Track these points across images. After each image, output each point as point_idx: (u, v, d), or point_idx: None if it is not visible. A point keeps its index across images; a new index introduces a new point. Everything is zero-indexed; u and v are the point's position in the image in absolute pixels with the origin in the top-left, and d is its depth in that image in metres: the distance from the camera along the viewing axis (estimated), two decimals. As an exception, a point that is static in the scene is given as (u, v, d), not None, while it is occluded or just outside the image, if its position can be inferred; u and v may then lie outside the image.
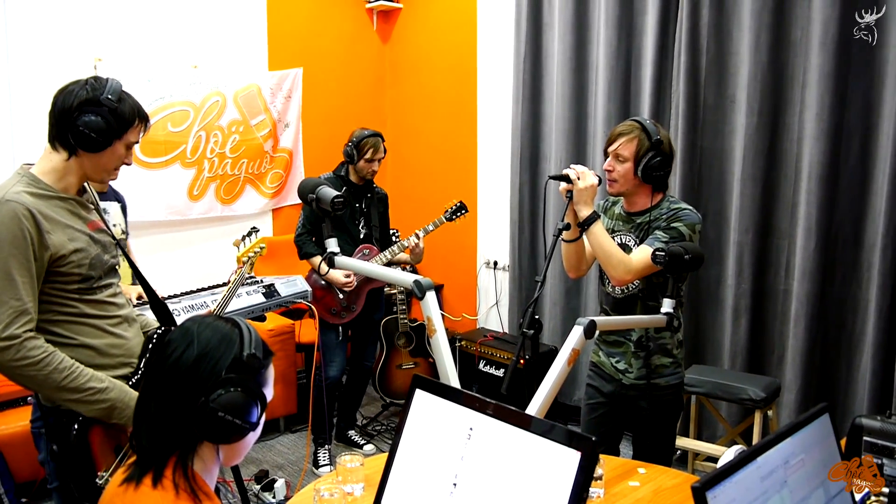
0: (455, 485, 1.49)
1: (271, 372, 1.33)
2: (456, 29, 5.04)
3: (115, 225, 3.34)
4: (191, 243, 4.65)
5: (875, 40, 3.07)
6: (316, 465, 3.90)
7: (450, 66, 5.13)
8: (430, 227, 3.95)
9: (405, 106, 5.54)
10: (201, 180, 4.64)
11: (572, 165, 2.29)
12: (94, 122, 1.83)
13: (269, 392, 1.31)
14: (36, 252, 1.78)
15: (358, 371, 4.10)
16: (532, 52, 4.43)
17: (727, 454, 1.53)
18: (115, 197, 3.38)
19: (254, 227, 2.81)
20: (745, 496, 1.19)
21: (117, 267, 2.07)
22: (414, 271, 4.24)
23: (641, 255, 2.24)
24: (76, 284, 1.89)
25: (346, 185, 3.83)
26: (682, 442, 3.38)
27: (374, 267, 2.19)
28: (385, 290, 4.89)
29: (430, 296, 1.84)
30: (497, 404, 1.49)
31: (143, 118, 1.97)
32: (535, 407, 1.78)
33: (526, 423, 1.44)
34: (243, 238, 2.94)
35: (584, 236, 2.31)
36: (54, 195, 1.88)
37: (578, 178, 2.23)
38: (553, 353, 4.28)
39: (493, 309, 4.94)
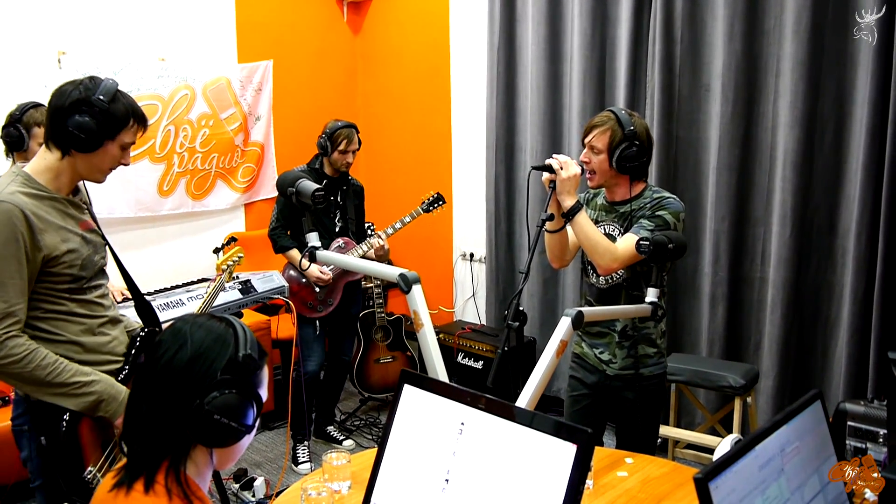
0: (447, 480, 1.47)
1: (266, 372, 1.29)
2: (428, 20, 5.00)
3: None
4: (162, 240, 4.56)
5: (875, 40, 3.07)
6: (295, 462, 3.86)
7: (422, 58, 5.08)
8: (398, 225, 3.93)
9: (377, 98, 5.49)
10: (171, 175, 4.55)
11: (555, 155, 2.27)
12: (83, 123, 1.83)
13: (263, 393, 1.27)
14: (29, 253, 1.78)
15: (336, 366, 4.06)
16: (506, 42, 4.40)
17: (723, 444, 1.53)
18: None
19: (232, 237, 2.80)
20: (745, 485, 1.19)
21: (105, 267, 2.05)
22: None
23: (627, 243, 2.23)
24: (67, 284, 1.89)
25: (321, 177, 3.78)
26: (662, 430, 3.39)
27: (357, 261, 2.16)
28: (361, 283, 4.85)
29: (417, 289, 1.82)
30: (489, 398, 1.47)
31: (139, 118, 1.96)
32: (524, 399, 1.76)
33: (519, 417, 1.42)
34: (222, 246, 2.92)
35: (569, 226, 2.30)
36: (48, 195, 1.87)
37: (561, 168, 2.22)
38: (532, 344, 4.28)
39: (470, 301, 4.92)
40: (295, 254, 3.72)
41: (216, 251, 3.10)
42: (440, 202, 4.04)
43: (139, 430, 1.21)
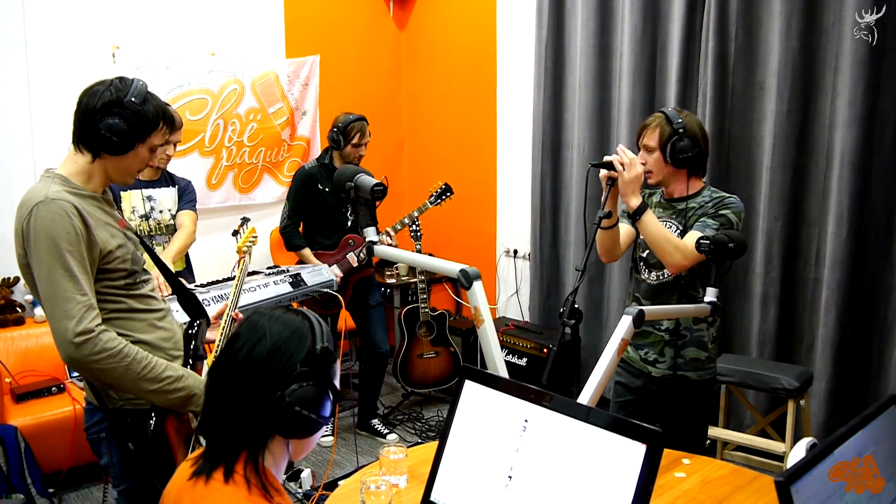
0: (510, 478, 1.47)
1: (339, 364, 1.31)
2: (474, 15, 4.99)
3: (160, 212, 3.34)
4: (209, 232, 4.61)
5: (875, 40, 3.02)
6: None
7: (468, 54, 5.07)
8: (406, 220, 3.94)
9: (423, 93, 5.50)
10: (219, 169, 4.61)
11: (619, 150, 2.23)
12: (116, 125, 1.79)
13: (337, 384, 1.28)
14: (86, 250, 1.76)
15: (373, 358, 4.07)
16: (554, 38, 4.38)
17: (798, 448, 1.51)
18: (171, 182, 3.38)
19: (245, 217, 2.82)
20: (824, 490, 1.17)
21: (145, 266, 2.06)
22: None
23: (694, 240, 2.20)
24: (123, 280, 1.87)
25: (331, 173, 3.82)
26: (711, 431, 3.35)
27: (415, 256, 2.15)
28: (404, 278, 4.88)
29: (478, 285, 1.81)
30: (555, 396, 1.46)
31: (168, 120, 1.94)
32: (585, 398, 1.75)
33: (586, 415, 1.41)
34: (238, 229, 2.93)
35: (623, 224, 2.28)
36: (88, 194, 1.85)
37: (624, 168, 2.18)
38: (577, 341, 4.26)
39: (513, 298, 4.91)
40: (307, 252, 3.77)
41: (234, 234, 3.08)
42: (448, 193, 4.05)
43: (218, 422, 1.22)
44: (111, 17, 4.11)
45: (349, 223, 3.90)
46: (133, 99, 1.81)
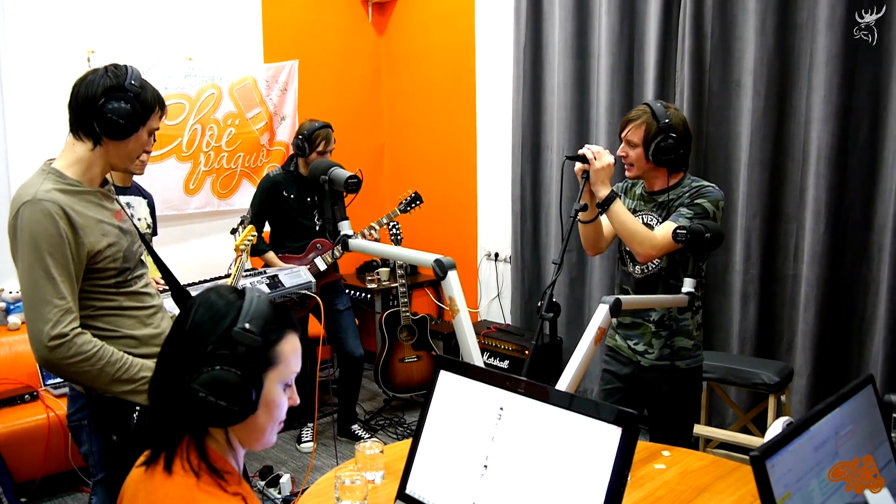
0: (486, 466, 1.44)
1: (287, 346, 1.18)
2: (453, 19, 4.99)
3: (139, 219, 3.31)
4: (188, 238, 4.58)
5: (875, 40, 3.05)
6: (299, 441, 3.98)
7: (447, 57, 5.07)
8: (384, 220, 3.92)
9: (402, 98, 5.49)
10: (197, 174, 4.57)
11: (588, 146, 2.25)
12: (121, 109, 1.81)
13: (283, 370, 1.18)
14: (73, 251, 1.77)
15: (348, 364, 4.02)
16: (532, 40, 4.38)
17: (775, 426, 1.50)
18: (141, 193, 3.34)
19: (244, 217, 2.83)
20: (801, 466, 1.15)
21: (143, 258, 2.05)
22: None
23: (666, 230, 2.20)
24: (114, 279, 1.88)
25: (297, 180, 3.79)
26: (695, 428, 3.34)
27: (391, 248, 2.14)
28: (385, 283, 4.85)
29: (452, 275, 1.79)
30: (529, 382, 1.44)
31: (163, 104, 1.97)
32: (563, 386, 1.73)
33: (561, 400, 1.39)
34: (237, 227, 2.92)
35: (605, 216, 2.28)
36: (81, 189, 1.85)
37: (595, 159, 2.20)
38: (559, 343, 4.24)
39: (495, 301, 4.89)
40: (271, 256, 3.75)
41: (233, 232, 3.10)
42: (417, 202, 4.05)
43: (154, 408, 1.16)
44: (87, 20, 4.07)
45: (317, 228, 3.87)
46: (133, 82, 1.85)
